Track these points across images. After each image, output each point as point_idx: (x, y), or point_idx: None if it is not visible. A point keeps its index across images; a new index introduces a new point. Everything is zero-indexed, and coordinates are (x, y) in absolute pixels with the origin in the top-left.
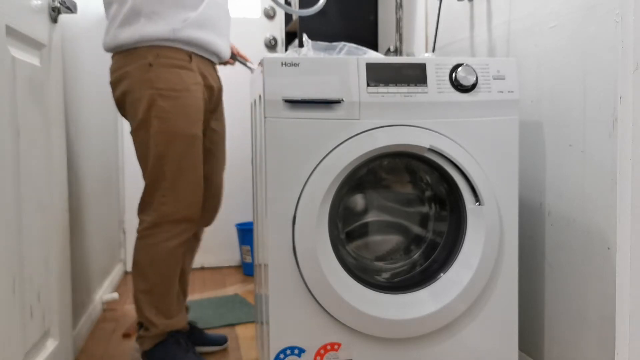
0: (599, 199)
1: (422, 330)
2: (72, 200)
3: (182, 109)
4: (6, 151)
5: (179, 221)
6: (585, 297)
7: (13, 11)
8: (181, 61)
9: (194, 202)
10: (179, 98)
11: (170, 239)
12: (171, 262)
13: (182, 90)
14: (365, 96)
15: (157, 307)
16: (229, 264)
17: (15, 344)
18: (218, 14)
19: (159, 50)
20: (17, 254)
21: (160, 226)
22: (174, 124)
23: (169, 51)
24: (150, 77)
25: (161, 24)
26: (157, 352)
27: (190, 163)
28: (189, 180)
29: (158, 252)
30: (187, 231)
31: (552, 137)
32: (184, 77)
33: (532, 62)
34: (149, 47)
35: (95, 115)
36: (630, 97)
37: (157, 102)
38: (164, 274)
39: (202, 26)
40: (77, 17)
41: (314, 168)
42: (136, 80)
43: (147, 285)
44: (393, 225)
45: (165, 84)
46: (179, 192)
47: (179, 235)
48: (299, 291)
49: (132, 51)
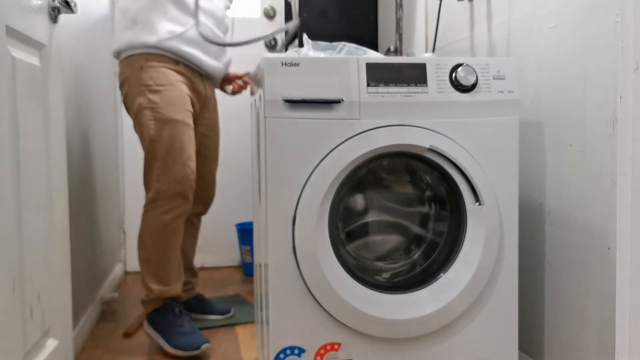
0: (599, 199)
1: (422, 330)
2: (72, 200)
3: (168, 99)
4: (6, 151)
5: (173, 196)
6: (585, 297)
7: (13, 11)
8: (168, 63)
9: (184, 178)
10: (165, 91)
11: (166, 213)
12: (167, 234)
13: (167, 85)
14: (365, 96)
15: (154, 274)
16: (229, 264)
17: (15, 344)
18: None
19: (149, 56)
20: (17, 254)
21: (156, 201)
22: (162, 112)
23: (157, 57)
24: (142, 76)
25: (151, 34)
26: (155, 317)
27: (178, 145)
28: (177, 160)
29: (155, 225)
30: (181, 206)
31: (552, 137)
32: (168, 75)
33: (532, 62)
34: (140, 54)
35: (95, 115)
36: (630, 97)
37: (147, 95)
38: (160, 244)
39: (189, 42)
40: (77, 17)
41: (314, 168)
42: (132, 82)
43: (146, 255)
44: (393, 225)
45: (153, 81)
46: (170, 170)
47: (173, 209)
48: (299, 291)
49: (130, 58)
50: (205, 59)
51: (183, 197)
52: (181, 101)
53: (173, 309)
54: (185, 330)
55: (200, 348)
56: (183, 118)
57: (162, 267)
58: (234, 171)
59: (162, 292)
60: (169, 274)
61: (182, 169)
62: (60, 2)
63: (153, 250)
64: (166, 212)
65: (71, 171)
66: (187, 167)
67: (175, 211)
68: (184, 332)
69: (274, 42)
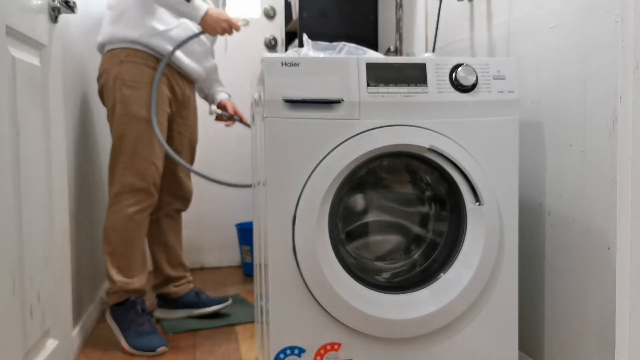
0: (599, 199)
1: (422, 330)
2: (72, 200)
3: (141, 97)
4: (6, 151)
5: (137, 191)
6: (585, 297)
7: (13, 11)
8: (148, 60)
9: (148, 175)
10: (140, 88)
11: (130, 206)
12: (131, 226)
13: (142, 82)
14: (365, 96)
15: (118, 266)
16: (229, 264)
17: (15, 344)
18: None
19: (130, 51)
20: (17, 254)
21: (120, 195)
22: (133, 109)
23: (138, 52)
24: (120, 70)
25: (134, 30)
26: (117, 311)
27: (146, 142)
28: (143, 156)
29: (119, 218)
30: (145, 200)
31: (552, 137)
32: (145, 72)
33: (532, 62)
34: (122, 49)
35: (95, 115)
36: (630, 97)
37: (122, 90)
38: (125, 237)
39: (171, 41)
40: (77, 17)
41: (314, 168)
42: (110, 75)
43: (110, 247)
44: (393, 225)
45: (129, 76)
46: (135, 166)
47: (137, 203)
48: (299, 291)
49: (112, 51)
50: (187, 60)
51: (147, 193)
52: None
53: (135, 306)
54: (144, 330)
55: (156, 350)
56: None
57: (125, 260)
58: (234, 171)
59: (124, 284)
60: (132, 266)
61: (147, 166)
62: (60, 2)
63: (117, 243)
64: (130, 205)
65: (71, 171)
66: (153, 164)
67: (139, 205)
68: (143, 332)
69: (274, 42)
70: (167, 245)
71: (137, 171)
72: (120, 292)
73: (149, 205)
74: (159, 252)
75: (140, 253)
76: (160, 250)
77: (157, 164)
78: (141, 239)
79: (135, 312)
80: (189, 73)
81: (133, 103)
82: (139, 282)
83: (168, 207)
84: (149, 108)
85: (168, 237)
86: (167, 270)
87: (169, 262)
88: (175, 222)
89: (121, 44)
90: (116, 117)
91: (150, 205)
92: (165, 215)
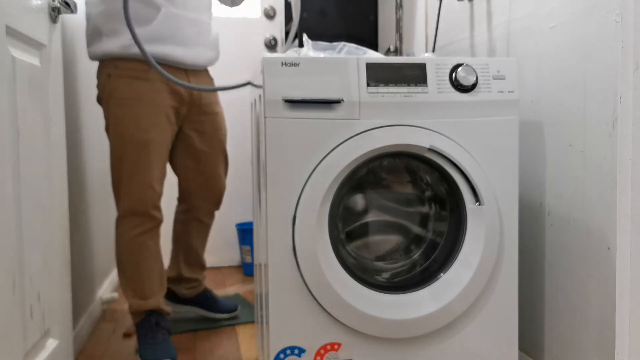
0: (599, 199)
1: (422, 330)
2: (72, 200)
3: (133, 116)
4: (6, 151)
5: (136, 215)
6: (585, 297)
7: (13, 11)
8: (138, 72)
9: (147, 199)
10: (130, 106)
11: (132, 229)
12: (135, 249)
13: (133, 99)
14: (365, 96)
15: (131, 288)
16: (229, 264)
17: (15, 344)
18: (176, 25)
19: (118, 62)
20: (17, 254)
21: (123, 218)
22: (126, 130)
23: (126, 62)
24: (110, 87)
25: (115, 41)
26: (137, 327)
27: (143, 166)
28: (140, 180)
29: (123, 241)
30: (146, 223)
31: (552, 137)
32: (136, 87)
33: (532, 62)
34: (110, 60)
35: (95, 115)
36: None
37: (113, 109)
38: (130, 260)
39: (157, 39)
40: (77, 17)
41: (314, 168)
42: (102, 90)
43: (120, 269)
44: (393, 225)
45: (119, 93)
46: (132, 190)
47: (138, 225)
48: (299, 291)
49: (100, 63)
50: (183, 51)
51: (147, 216)
52: (148, 118)
53: (150, 321)
54: (155, 342)
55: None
56: (150, 136)
57: (137, 282)
58: (234, 171)
59: (139, 306)
60: (145, 288)
61: (144, 191)
62: (60, 2)
63: (125, 266)
64: (131, 228)
65: (71, 171)
66: (150, 188)
67: (139, 228)
68: (153, 343)
69: (274, 42)
70: (190, 246)
71: (135, 195)
72: (137, 313)
73: (151, 227)
74: (179, 250)
75: (153, 273)
76: (181, 249)
77: (155, 187)
78: (152, 259)
79: (150, 326)
80: (192, 62)
81: (126, 124)
82: (155, 302)
83: (198, 211)
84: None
85: (192, 239)
86: (182, 269)
87: (186, 261)
88: (204, 225)
89: (107, 56)
90: (112, 138)
91: (152, 227)
92: (194, 219)
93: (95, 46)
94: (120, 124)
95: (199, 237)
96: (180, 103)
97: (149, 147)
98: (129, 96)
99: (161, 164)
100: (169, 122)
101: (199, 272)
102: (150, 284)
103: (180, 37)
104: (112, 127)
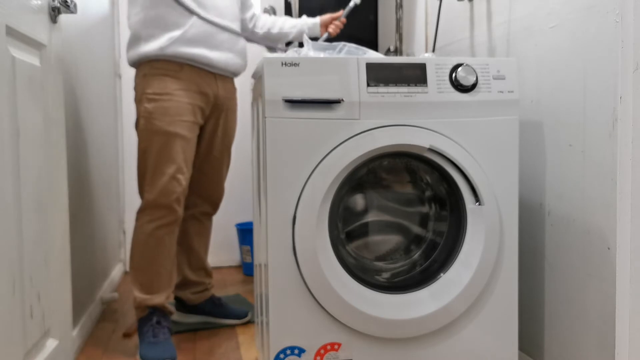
0: (599, 199)
1: (422, 330)
2: (72, 200)
3: (162, 110)
4: (6, 151)
5: (158, 207)
6: (585, 297)
7: (13, 11)
8: (170, 71)
9: (170, 191)
10: (160, 101)
11: (150, 222)
12: (151, 243)
13: (163, 94)
14: (365, 96)
15: (139, 282)
16: (229, 264)
17: (15, 344)
18: (207, 31)
19: (153, 62)
20: (17, 254)
21: (144, 211)
22: (155, 122)
23: (160, 63)
24: (144, 85)
25: (153, 44)
26: (140, 324)
27: (167, 157)
28: (165, 172)
29: (141, 234)
30: (166, 216)
31: (552, 137)
32: (167, 83)
33: (532, 62)
34: (147, 62)
35: (95, 115)
36: (630, 97)
37: (144, 104)
38: (144, 254)
39: (190, 42)
40: (77, 17)
41: (314, 168)
42: (137, 90)
43: (133, 263)
44: (393, 225)
45: (151, 89)
46: (157, 182)
47: (158, 219)
48: (299, 291)
49: (139, 66)
50: (214, 55)
51: (168, 209)
52: (176, 112)
53: (152, 319)
54: (156, 341)
55: None
56: (176, 129)
57: (147, 277)
58: (234, 171)
59: (143, 300)
60: (153, 283)
61: (168, 182)
62: (60, 2)
63: (139, 259)
64: (150, 221)
65: (71, 171)
66: (175, 179)
67: (158, 221)
68: (154, 342)
69: None
70: (191, 248)
71: (158, 187)
72: (141, 308)
73: (170, 222)
74: (181, 253)
75: (163, 270)
76: (183, 252)
77: (179, 178)
78: (164, 256)
79: (151, 325)
80: (223, 66)
81: (155, 117)
82: (159, 299)
83: (195, 209)
84: (170, 120)
85: (192, 240)
86: (186, 273)
87: (189, 265)
88: (203, 226)
89: (145, 59)
90: (139, 132)
91: (172, 221)
92: (191, 217)
93: (133, 51)
94: (149, 117)
95: (199, 238)
96: (207, 104)
97: (174, 140)
98: (159, 92)
99: (186, 158)
100: (195, 121)
101: (203, 276)
102: (159, 280)
103: (212, 41)
104: (141, 120)
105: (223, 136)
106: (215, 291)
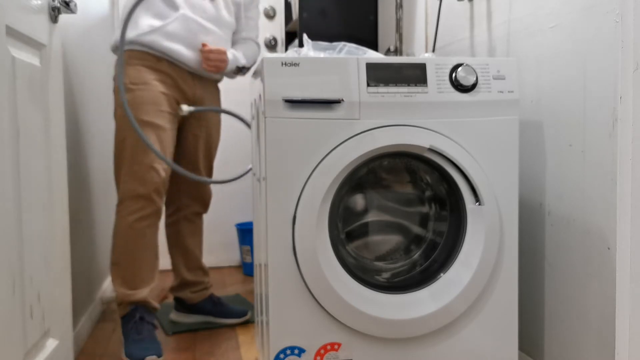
0: (599, 199)
1: (422, 330)
2: (72, 200)
3: (139, 99)
4: (6, 151)
5: (136, 198)
6: (585, 297)
7: (13, 11)
8: (147, 61)
9: (148, 181)
10: (138, 90)
11: (131, 214)
12: (132, 235)
13: (140, 84)
14: (366, 96)
15: (121, 277)
16: (229, 264)
17: (15, 344)
18: (190, 29)
19: (132, 53)
20: (17, 254)
21: (123, 203)
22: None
23: (138, 54)
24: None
25: (133, 29)
26: (123, 321)
27: (143, 146)
28: (142, 161)
29: (121, 226)
30: (146, 208)
31: (552, 137)
32: (144, 74)
33: (532, 62)
34: (126, 51)
35: (95, 115)
36: (630, 97)
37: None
38: (126, 246)
39: (168, 36)
40: (77, 17)
41: (314, 168)
42: (115, 79)
43: (114, 257)
44: (393, 225)
45: (129, 79)
46: (135, 171)
47: (138, 210)
48: (299, 291)
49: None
50: (189, 54)
51: (147, 199)
52: (153, 101)
53: (134, 316)
54: (140, 339)
55: (145, 359)
56: (152, 119)
57: (129, 271)
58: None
59: (125, 296)
60: (136, 278)
61: (146, 171)
62: (60, 2)
63: (120, 253)
64: (130, 213)
65: (71, 171)
66: (152, 169)
67: (138, 213)
68: (138, 340)
69: (274, 42)
70: (186, 248)
71: (137, 177)
72: (124, 304)
73: (150, 213)
74: (177, 255)
75: (145, 264)
76: (178, 254)
77: (157, 168)
78: (146, 249)
79: (134, 321)
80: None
81: (131, 106)
82: (141, 294)
83: (187, 210)
84: (147, 109)
85: (187, 240)
86: (184, 274)
87: (186, 265)
88: (195, 226)
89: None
90: (117, 121)
91: (152, 213)
92: (183, 219)
93: (116, 34)
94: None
95: (193, 238)
96: (183, 99)
97: (151, 129)
98: (137, 81)
99: (164, 148)
100: (172, 112)
101: (201, 275)
102: (141, 274)
103: (192, 41)
104: (118, 110)
105: (206, 135)
106: (215, 291)
